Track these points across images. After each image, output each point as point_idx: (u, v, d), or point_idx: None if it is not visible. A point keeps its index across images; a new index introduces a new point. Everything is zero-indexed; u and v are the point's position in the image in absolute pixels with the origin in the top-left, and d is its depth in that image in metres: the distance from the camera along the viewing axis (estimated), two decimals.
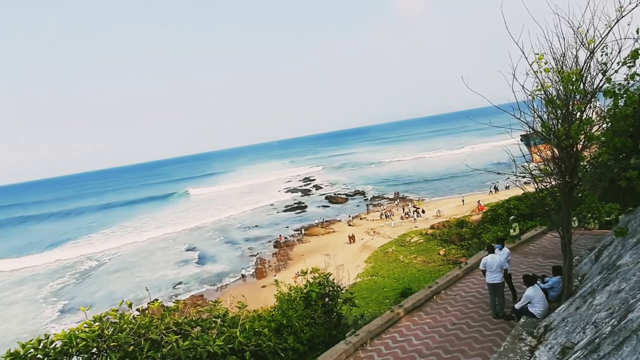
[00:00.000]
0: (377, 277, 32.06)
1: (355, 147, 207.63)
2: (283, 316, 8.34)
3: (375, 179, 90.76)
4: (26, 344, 4.35)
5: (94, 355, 4.56)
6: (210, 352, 4.96)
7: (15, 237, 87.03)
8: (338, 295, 9.60)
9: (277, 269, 40.78)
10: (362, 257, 38.14)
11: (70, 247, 65.40)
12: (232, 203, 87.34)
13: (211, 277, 42.37)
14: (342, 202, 70.56)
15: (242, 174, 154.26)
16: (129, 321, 4.97)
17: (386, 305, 23.26)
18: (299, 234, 52.46)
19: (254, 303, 18.73)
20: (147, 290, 39.41)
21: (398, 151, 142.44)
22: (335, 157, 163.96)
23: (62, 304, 41.16)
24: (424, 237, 38.82)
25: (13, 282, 51.22)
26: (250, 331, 6.26)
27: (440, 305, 10.31)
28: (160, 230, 68.84)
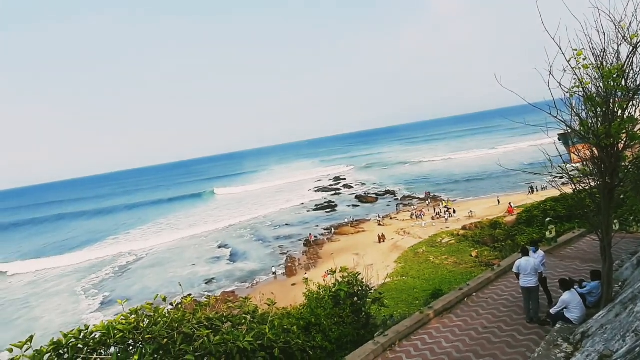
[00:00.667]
0: (407, 277, 31.70)
1: (385, 146, 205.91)
2: (312, 314, 8.39)
3: (406, 178, 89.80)
4: (68, 334, 4.58)
5: (130, 347, 4.74)
6: (240, 348, 5.04)
7: (55, 234, 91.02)
8: (367, 294, 9.57)
9: (307, 268, 41.00)
10: (392, 257, 37.80)
11: (109, 244, 68.00)
12: (262, 202, 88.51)
13: (242, 274, 43.10)
14: (372, 201, 70.16)
15: (273, 173, 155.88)
16: (163, 315, 5.13)
17: (416, 306, 22.97)
18: (329, 233, 52.54)
19: (283, 301, 18.92)
20: (180, 286, 40.46)
21: (429, 151, 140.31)
22: (365, 157, 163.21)
23: (101, 296, 42.96)
24: (455, 238, 38.08)
25: (56, 276, 53.67)
26: (279, 328, 6.33)
27: (472, 308, 10.10)
28: (192, 228, 70.73)
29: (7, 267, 58.34)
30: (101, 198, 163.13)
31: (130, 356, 4.18)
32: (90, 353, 4.55)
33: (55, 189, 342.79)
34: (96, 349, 4.61)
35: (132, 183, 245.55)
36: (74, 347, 4.53)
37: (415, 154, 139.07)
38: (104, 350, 4.65)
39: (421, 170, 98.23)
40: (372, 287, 10.12)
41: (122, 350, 4.65)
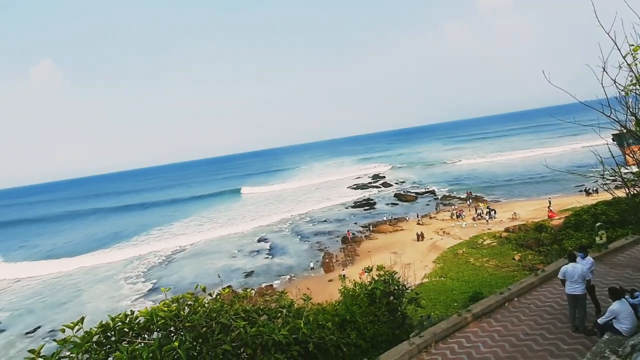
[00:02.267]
0: (446, 278, 31.07)
1: (426, 144, 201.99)
2: (347, 311, 8.40)
3: (446, 178, 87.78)
4: (115, 318, 4.84)
5: (171, 333, 4.94)
6: (275, 341, 5.13)
7: (100, 226, 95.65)
8: (403, 294, 9.47)
9: (344, 264, 41.03)
10: (430, 257, 37.14)
11: (153, 237, 70.58)
12: (301, 199, 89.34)
13: (280, 268, 43.74)
14: (411, 200, 69.12)
15: (311, 170, 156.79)
16: (202, 304, 5.31)
17: (454, 308, 22.48)
18: (367, 231, 52.30)
19: (319, 296, 19.07)
20: (219, 277, 41.85)
21: (471, 150, 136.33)
22: (405, 155, 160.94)
23: (149, 284, 44.85)
24: (497, 240, 36.86)
25: (103, 265, 56.55)
26: (314, 323, 6.39)
27: (512, 313, 9.76)
28: (232, 223, 72.60)
29: (59, 260, 61.71)
30: (146, 192, 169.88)
31: (171, 342, 4.35)
32: (135, 337, 4.80)
33: (101, 182, 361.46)
34: (140, 334, 4.85)
35: (175, 177, 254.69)
36: (120, 331, 4.79)
37: (457, 152, 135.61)
38: (147, 335, 4.88)
39: (463, 170, 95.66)
40: (408, 287, 10.00)
41: (164, 336, 4.86)
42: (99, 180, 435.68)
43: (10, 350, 33.24)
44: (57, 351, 4.22)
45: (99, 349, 4.53)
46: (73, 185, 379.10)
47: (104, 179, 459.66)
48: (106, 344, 4.62)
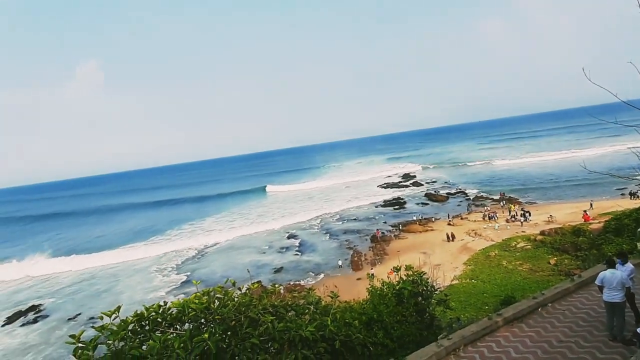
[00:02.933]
0: (477, 281, 30.42)
1: (458, 144, 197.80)
2: (374, 310, 8.37)
3: (479, 178, 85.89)
4: (149, 308, 5.04)
5: (201, 325, 5.09)
6: (302, 337, 5.19)
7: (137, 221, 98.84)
8: (432, 295, 9.35)
9: (372, 263, 40.87)
10: (461, 259, 36.46)
11: (186, 232, 72.42)
12: (331, 197, 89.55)
13: (308, 265, 44.03)
14: (442, 200, 67.97)
15: (342, 169, 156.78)
16: (231, 298, 5.44)
17: (485, 311, 22.01)
18: (397, 230, 51.87)
19: (347, 294, 19.08)
20: (249, 272, 42.55)
21: (505, 150, 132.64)
22: (437, 154, 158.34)
23: (183, 276, 46.13)
24: (531, 243, 35.76)
25: (137, 261, 58.40)
26: (341, 321, 6.42)
27: (546, 319, 9.47)
28: (264, 220, 73.54)
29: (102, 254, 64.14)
30: (178, 188, 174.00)
31: (202, 334, 4.49)
32: (167, 327, 4.97)
33: (139, 177, 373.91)
34: (172, 324, 5.03)
35: (207, 174, 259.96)
36: (154, 320, 4.97)
37: (491, 152, 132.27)
38: (179, 325, 5.05)
39: (496, 170, 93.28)
40: (437, 288, 9.86)
41: (195, 327, 5.01)
42: (136, 175, 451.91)
43: (53, 334, 35.10)
44: (95, 337, 4.43)
45: (134, 337, 4.72)
46: (114, 179, 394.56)
47: (141, 174, 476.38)
48: (141, 333, 4.82)
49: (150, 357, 4.16)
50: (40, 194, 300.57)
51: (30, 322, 38.47)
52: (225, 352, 4.77)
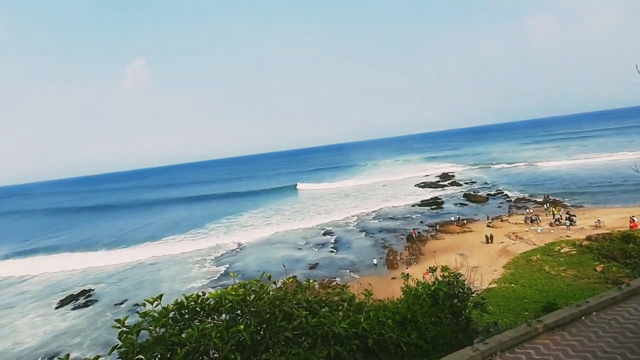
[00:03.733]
0: (517, 285, 29.41)
1: (500, 144, 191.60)
2: (408, 310, 8.30)
3: (522, 179, 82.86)
4: (189, 297, 5.24)
5: (237, 316, 5.23)
6: (335, 333, 5.22)
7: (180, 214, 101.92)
8: (468, 298, 9.14)
9: (408, 263, 40.41)
10: (500, 262, 35.36)
11: (224, 227, 74.09)
12: (368, 195, 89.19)
13: (343, 263, 44.09)
14: (481, 201, 66.05)
15: (380, 167, 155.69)
16: (267, 292, 5.55)
17: (524, 317, 21.30)
18: (433, 230, 51.00)
19: (380, 293, 18.99)
20: (284, 267, 43.12)
21: (551, 151, 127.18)
22: (478, 154, 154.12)
23: (220, 269, 47.38)
24: (577, 249, 34.12)
25: (177, 253, 60.21)
26: (374, 319, 6.41)
27: (590, 328, 9.04)
28: (301, 217, 74.29)
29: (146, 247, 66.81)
30: (218, 183, 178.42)
31: (237, 325, 4.62)
32: (205, 316, 5.15)
33: (181, 171, 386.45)
34: (210, 314, 5.20)
35: (250, 169, 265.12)
36: (193, 310, 5.17)
37: (535, 153, 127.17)
38: (216, 315, 5.21)
39: (540, 172, 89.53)
40: (474, 291, 9.63)
41: (231, 318, 5.15)
42: (178, 169, 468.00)
43: (100, 318, 37.10)
44: (138, 323, 4.66)
45: (174, 324, 4.93)
46: (157, 173, 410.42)
47: (183, 168, 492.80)
48: (180, 321, 5.02)
49: (189, 344, 4.33)
50: (90, 185, 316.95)
51: (81, 306, 40.81)
52: (259, 343, 4.88)
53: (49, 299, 44.02)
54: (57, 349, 31.99)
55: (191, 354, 4.39)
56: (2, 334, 36.70)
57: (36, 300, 44.34)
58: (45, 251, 67.79)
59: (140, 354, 4.41)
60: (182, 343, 4.39)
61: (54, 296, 44.92)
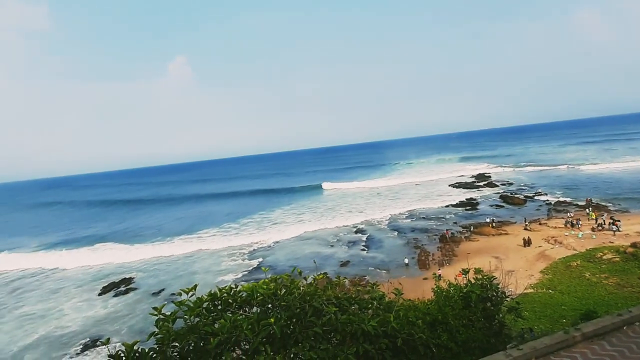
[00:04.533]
0: (555, 291, 28.38)
1: (542, 144, 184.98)
2: (439, 311, 8.18)
3: (563, 182, 79.59)
4: (222, 289, 5.39)
5: (268, 310, 5.33)
6: (364, 331, 5.23)
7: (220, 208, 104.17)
8: (502, 302, 8.91)
9: (440, 264, 39.78)
10: (537, 267, 34.21)
11: (255, 223, 75.44)
12: (401, 194, 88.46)
13: (374, 261, 43.93)
14: (519, 203, 63.96)
15: (414, 166, 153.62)
16: (297, 287, 5.63)
17: (561, 325, 20.55)
18: (467, 232, 49.91)
19: (411, 293, 18.77)
20: (315, 263, 43.38)
21: (596, 152, 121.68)
22: (516, 155, 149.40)
23: (252, 263, 48.29)
24: (621, 256, 32.51)
25: (213, 247, 61.83)
26: (404, 319, 6.36)
27: (632, 339, 8.62)
28: (331, 214, 74.81)
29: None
30: (255, 178, 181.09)
31: (268, 318, 4.71)
32: (237, 308, 5.29)
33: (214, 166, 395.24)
34: (242, 306, 5.33)
35: (286, 165, 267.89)
36: (226, 301, 5.32)
37: (578, 155, 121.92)
38: (248, 308, 5.34)
39: (583, 174, 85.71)
40: (509, 295, 9.38)
41: (262, 311, 5.26)
42: (213, 164, 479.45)
43: (138, 305, 38.70)
44: (174, 311, 4.85)
45: (208, 314, 5.08)
46: (197, 167, 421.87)
47: (222, 163, 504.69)
48: (213, 311, 5.17)
49: (221, 334, 4.46)
50: (133, 178, 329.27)
51: (122, 293, 42.70)
52: (289, 337, 4.96)
53: (92, 285, 46.24)
54: (98, 333, 33.61)
55: (223, 344, 4.52)
56: (49, 317, 38.88)
57: (80, 286, 46.66)
58: (87, 242, 70.96)
59: (175, 342, 4.59)
60: (215, 333, 4.53)
61: (96, 283, 47.11)
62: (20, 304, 42.53)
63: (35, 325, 36.85)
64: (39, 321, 37.89)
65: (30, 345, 33.13)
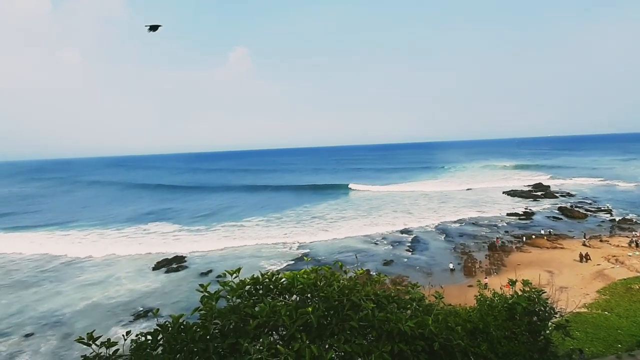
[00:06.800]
0: (611, 314, 26.57)
1: (611, 156, 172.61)
2: (481, 320, 7.94)
3: (631, 198, 74.61)
4: (264, 274, 5.56)
5: (307, 299, 5.43)
6: (400, 330, 5.20)
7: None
8: (550, 318, 8.50)
9: (487, 272, 38.47)
10: (594, 286, 32.17)
11: (302, 216, 76.97)
12: (451, 197, 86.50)
13: (418, 262, 43.35)
14: (579, 217, 60.25)
15: (466, 171, 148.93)
16: (337, 279, 5.69)
17: (615, 349, 19.21)
18: (519, 242, 47.84)
19: (453, 299, 18.28)
20: (357, 258, 43.40)
21: None
22: (580, 165, 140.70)
23: (296, 253, 49.10)
24: None
25: (259, 237, 63.47)
26: (442, 323, 6.25)
27: None
28: (376, 213, 74.80)
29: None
30: (305, 173, 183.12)
31: (306, 307, 4.80)
32: (277, 295, 5.43)
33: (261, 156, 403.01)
34: (282, 293, 5.47)
35: (339, 160, 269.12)
36: (267, 287, 5.48)
37: None
38: (287, 295, 5.47)
39: None
40: (558, 311, 8.93)
41: (301, 300, 5.37)
42: (274, 154, 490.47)
43: (186, 283, 40.65)
44: (218, 290, 5.08)
45: (249, 297, 5.27)
46: (251, 155, 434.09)
47: (278, 153, 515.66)
48: (254, 295, 5.35)
49: (260, 317, 4.61)
50: (196, 163, 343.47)
51: (173, 270, 44.96)
52: (325, 328, 5.03)
53: (147, 260, 48.88)
54: (148, 304, 35.69)
55: (261, 327, 4.67)
56: (106, 284, 41.67)
57: (135, 260, 49.53)
58: (150, 220, 75.12)
59: (217, 319, 4.80)
60: (254, 315, 4.69)
61: (151, 257, 49.82)
62: (79, 273, 45.79)
63: (92, 292, 39.66)
64: (95, 288, 40.77)
65: (85, 309, 35.77)
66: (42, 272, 46.42)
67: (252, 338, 4.52)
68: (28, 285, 42.14)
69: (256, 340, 4.57)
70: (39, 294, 39.52)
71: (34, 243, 59.00)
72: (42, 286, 41.73)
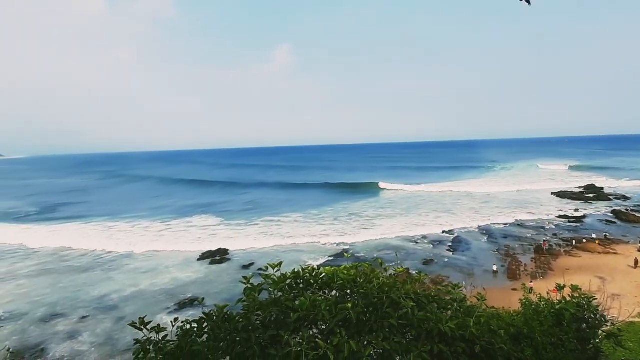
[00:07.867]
0: None
1: None
2: (525, 324, 7.68)
3: None
4: (305, 269, 5.65)
5: (347, 295, 5.48)
6: (440, 331, 5.13)
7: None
8: (600, 326, 8.10)
9: (533, 276, 37.11)
10: None
11: (340, 214, 77.19)
12: (496, 197, 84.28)
13: (460, 263, 42.59)
14: (635, 221, 56.81)
15: (512, 170, 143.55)
16: (377, 277, 5.69)
17: None
18: (568, 246, 45.76)
19: (496, 302, 17.75)
20: (397, 256, 42.97)
21: None
22: (638, 166, 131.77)
23: (336, 250, 49.39)
24: None
25: (299, 233, 64.10)
26: (484, 326, 6.10)
27: None
28: (416, 212, 74.13)
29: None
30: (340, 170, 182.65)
31: (346, 303, 4.85)
32: (317, 289, 5.50)
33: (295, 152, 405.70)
34: (322, 288, 5.53)
35: (377, 158, 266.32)
36: (307, 281, 5.56)
37: None
38: (327, 291, 5.53)
39: None
40: (610, 320, 8.49)
41: (341, 295, 5.42)
42: (314, 150, 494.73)
43: (228, 275, 41.89)
44: (261, 283, 5.22)
45: (290, 291, 5.37)
46: (296, 151, 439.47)
47: (318, 149, 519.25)
48: (295, 289, 5.45)
49: (301, 311, 4.70)
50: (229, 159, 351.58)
51: (216, 262, 46.44)
52: (364, 324, 5.05)
53: (192, 253, 50.57)
54: (193, 292, 37.11)
55: (302, 320, 4.76)
56: (155, 272, 43.61)
57: (181, 253, 51.43)
58: (195, 213, 77.72)
59: (259, 311, 4.95)
60: (295, 309, 4.78)
61: (196, 249, 51.53)
62: (130, 261, 48.12)
63: (142, 279, 41.63)
64: (145, 275, 42.77)
65: (134, 295, 37.63)
66: (94, 259, 49.23)
67: (292, 331, 4.62)
68: (81, 271, 44.86)
69: (296, 333, 4.66)
70: (92, 280, 41.98)
71: (84, 235, 62.25)
72: (94, 272, 44.30)
